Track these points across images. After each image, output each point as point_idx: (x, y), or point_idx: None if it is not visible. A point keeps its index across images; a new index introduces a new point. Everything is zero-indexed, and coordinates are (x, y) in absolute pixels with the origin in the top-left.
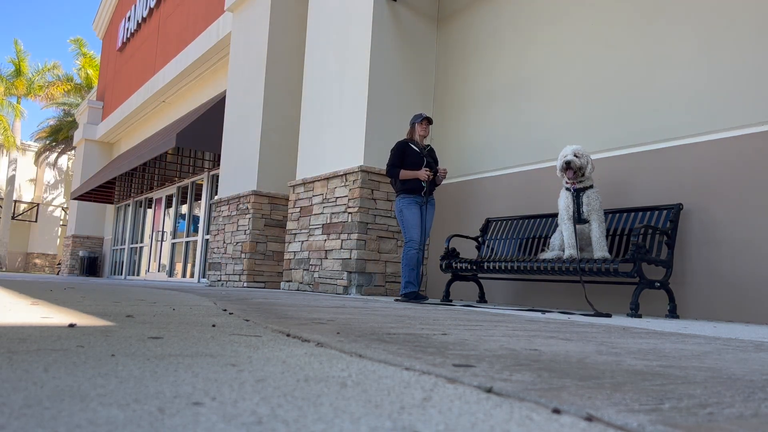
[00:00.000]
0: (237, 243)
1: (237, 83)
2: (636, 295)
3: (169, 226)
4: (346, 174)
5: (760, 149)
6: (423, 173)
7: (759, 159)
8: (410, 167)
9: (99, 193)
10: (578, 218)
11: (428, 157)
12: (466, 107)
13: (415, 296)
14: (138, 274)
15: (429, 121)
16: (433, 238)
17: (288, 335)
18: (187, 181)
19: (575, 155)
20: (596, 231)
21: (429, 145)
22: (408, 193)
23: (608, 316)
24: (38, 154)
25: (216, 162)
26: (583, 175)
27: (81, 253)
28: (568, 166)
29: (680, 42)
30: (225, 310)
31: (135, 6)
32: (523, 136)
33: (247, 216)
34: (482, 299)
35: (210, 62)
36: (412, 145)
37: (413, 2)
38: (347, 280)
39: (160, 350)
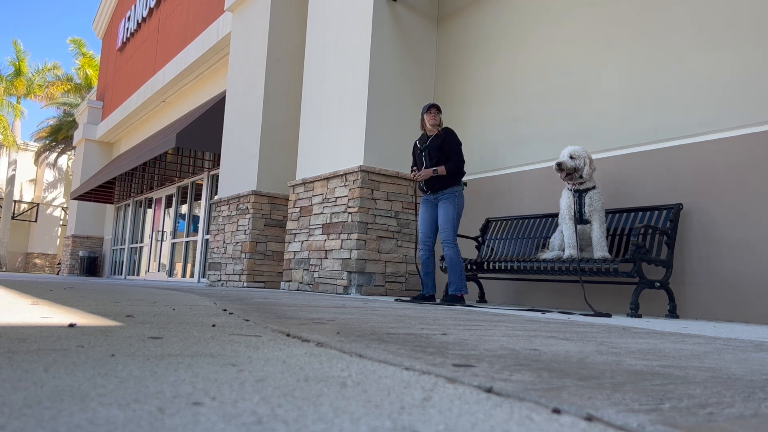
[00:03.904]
0: (237, 243)
1: (237, 83)
2: (636, 295)
3: (169, 226)
4: (346, 174)
5: (760, 149)
6: (413, 176)
7: (759, 159)
8: (416, 167)
9: (99, 193)
10: (580, 218)
11: (429, 152)
12: (466, 107)
13: (423, 298)
14: (138, 274)
15: (437, 109)
16: None
17: (288, 335)
18: (187, 181)
19: (571, 156)
20: (597, 231)
21: (440, 132)
22: (422, 192)
23: (608, 316)
24: (38, 154)
25: (216, 162)
26: (580, 176)
27: (81, 253)
28: (559, 167)
29: (680, 42)
30: (225, 310)
31: (135, 6)
32: (523, 135)
33: (247, 216)
34: (482, 299)
35: (210, 62)
36: (417, 142)
37: (413, 2)
38: (347, 280)
39: (160, 350)
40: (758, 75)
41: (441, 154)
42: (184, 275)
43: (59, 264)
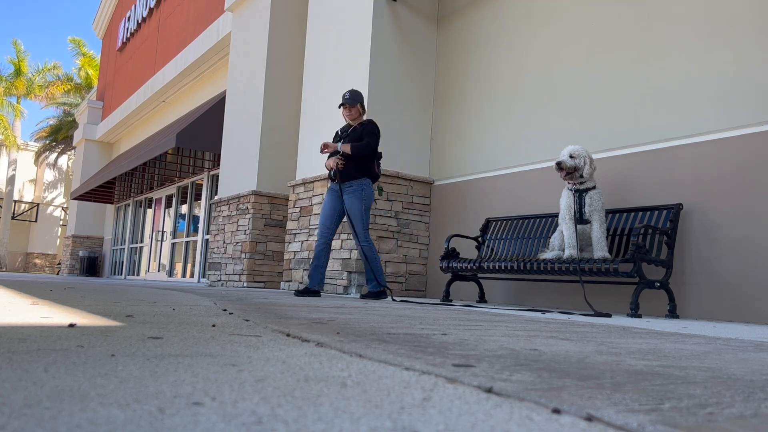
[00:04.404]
0: (237, 243)
1: (237, 83)
2: (636, 295)
3: (169, 226)
4: None
5: (760, 149)
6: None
7: (759, 159)
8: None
9: (99, 193)
10: (580, 218)
11: (346, 141)
12: (466, 107)
13: (307, 292)
14: (138, 274)
15: (348, 105)
16: (433, 237)
17: (288, 335)
18: (187, 181)
19: (570, 155)
20: (597, 231)
21: (362, 124)
22: (330, 180)
23: (608, 316)
24: (38, 154)
25: (216, 162)
26: (581, 176)
27: (81, 253)
28: (559, 167)
29: (680, 42)
30: (225, 310)
31: (135, 6)
32: (523, 135)
33: (247, 216)
34: (482, 299)
35: (210, 62)
36: (338, 130)
37: (413, 2)
38: (347, 280)
39: (160, 350)
40: (758, 75)
41: (357, 142)
42: (184, 275)
43: (59, 264)
